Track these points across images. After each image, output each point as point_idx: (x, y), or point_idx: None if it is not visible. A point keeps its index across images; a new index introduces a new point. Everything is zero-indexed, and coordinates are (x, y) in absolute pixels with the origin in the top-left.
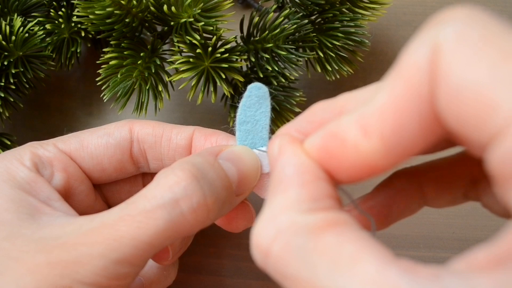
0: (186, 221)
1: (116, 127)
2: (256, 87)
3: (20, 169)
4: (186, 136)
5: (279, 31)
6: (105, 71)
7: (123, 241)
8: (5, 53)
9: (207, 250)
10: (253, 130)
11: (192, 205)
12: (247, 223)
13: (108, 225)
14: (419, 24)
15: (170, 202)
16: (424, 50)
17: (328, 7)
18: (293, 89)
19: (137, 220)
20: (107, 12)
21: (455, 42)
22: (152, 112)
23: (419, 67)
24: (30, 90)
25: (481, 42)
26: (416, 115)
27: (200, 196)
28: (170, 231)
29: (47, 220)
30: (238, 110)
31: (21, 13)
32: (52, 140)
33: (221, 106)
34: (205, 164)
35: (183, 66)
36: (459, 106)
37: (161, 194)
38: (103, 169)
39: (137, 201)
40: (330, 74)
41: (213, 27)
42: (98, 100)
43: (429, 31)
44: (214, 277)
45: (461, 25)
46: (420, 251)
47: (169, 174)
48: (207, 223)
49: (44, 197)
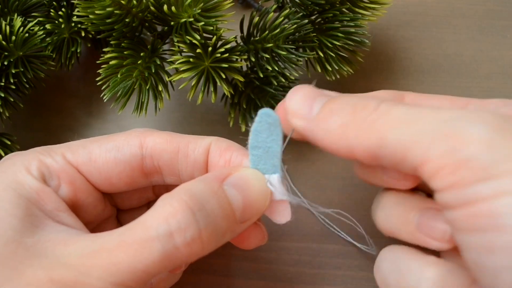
0: (180, 254)
1: (126, 140)
2: (266, 114)
3: (28, 178)
4: (203, 151)
5: (279, 31)
6: (105, 71)
7: (120, 267)
8: (5, 53)
9: None
10: (265, 156)
11: (185, 239)
12: (259, 242)
13: (107, 249)
14: (419, 24)
15: (164, 234)
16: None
17: (328, 7)
18: None
19: (133, 248)
20: (107, 12)
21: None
22: (152, 112)
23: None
24: (30, 90)
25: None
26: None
27: (194, 230)
28: (165, 262)
29: (49, 233)
30: (250, 134)
31: (21, 13)
32: (61, 149)
33: (221, 106)
34: (207, 193)
35: (183, 66)
36: (390, 156)
37: (156, 225)
38: (111, 183)
39: (135, 228)
40: (330, 74)
41: (213, 27)
42: (98, 100)
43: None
44: (214, 277)
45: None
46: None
47: (166, 204)
48: (203, 254)
49: (51, 208)
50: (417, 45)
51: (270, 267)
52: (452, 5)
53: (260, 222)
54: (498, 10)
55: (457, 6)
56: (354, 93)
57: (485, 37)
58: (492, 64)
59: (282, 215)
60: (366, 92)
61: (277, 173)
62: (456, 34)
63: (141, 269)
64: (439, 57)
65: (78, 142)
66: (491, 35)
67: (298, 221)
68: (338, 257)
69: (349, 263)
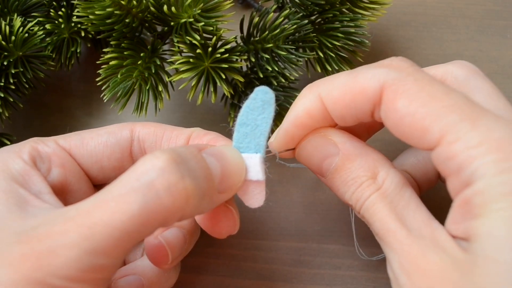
0: (162, 204)
1: (118, 127)
2: (263, 91)
3: (16, 161)
4: (185, 137)
5: (279, 31)
6: (105, 71)
7: (96, 228)
8: (5, 53)
9: (207, 250)
10: (251, 134)
11: (168, 186)
12: (230, 229)
13: (83, 212)
14: (419, 24)
15: (145, 184)
16: (376, 83)
17: (328, 7)
18: (293, 89)
19: (110, 205)
20: (107, 12)
21: (399, 85)
22: (152, 112)
23: (370, 90)
24: (30, 90)
25: (415, 85)
26: (359, 109)
27: (178, 178)
28: (145, 216)
29: (33, 212)
30: (240, 111)
31: (21, 13)
32: (54, 137)
33: (221, 106)
34: (187, 154)
35: (183, 66)
36: (403, 127)
37: (136, 177)
38: (101, 167)
39: (113, 186)
40: (330, 74)
41: (213, 27)
42: (98, 100)
43: (380, 70)
44: (214, 277)
45: (404, 73)
46: None
47: (147, 158)
48: (187, 211)
49: (36, 190)
50: (417, 45)
51: (270, 267)
52: (452, 5)
53: (232, 206)
54: (498, 10)
55: (457, 6)
56: None
57: (485, 37)
58: (492, 64)
59: (255, 198)
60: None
61: (259, 153)
62: (456, 34)
63: (119, 227)
64: (439, 57)
65: (71, 132)
66: (491, 35)
67: (298, 221)
68: (338, 257)
69: (349, 263)
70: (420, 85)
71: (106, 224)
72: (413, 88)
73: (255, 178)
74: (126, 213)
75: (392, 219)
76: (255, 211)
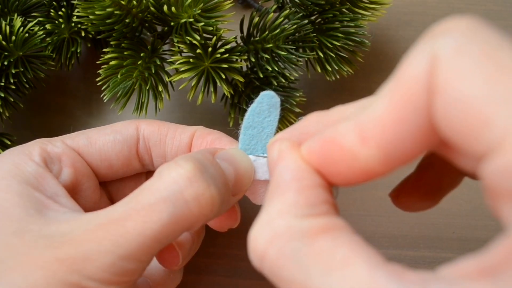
0: (191, 213)
1: (123, 125)
2: (269, 96)
3: (29, 164)
4: (189, 135)
5: (279, 31)
6: (105, 71)
7: (129, 237)
8: (5, 53)
9: (207, 250)
10: (257, 136)
11: (197, 195)
12: (232, 222)
13: (114, 220)
14: (419, 24)
15: (174, 194)
16: (422, 62)
17: (328, 7)
18: (293, 89)
19: (141, 215)
20: (107, 13)
21: (453, 55)
22: (152, 112)
23: (417, 78)
24: (30, 90)
25: (479, 56)
26: (413, 126)
27: (205, 187)
28: (175, 224)
29: (54, 216)
30: (246, 114)
31: (21, 13)
32: (60, 137)
33: (221, 106)
34: (206, 161)
35: (183, 66)
36: (455, 119)
37: (164, 187)
38: (110, 165)
39: (141, 195)
40: (330, 74)
41: (213, 27)
42: (98, 100)
43: (428, 42)
44: (214, 277)
45: (460, 37)
46: (420, 251)
47: (172, 167)
48: (210, 217)
49: (51, 193)
50: None
51: None
52: (452, 5)
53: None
54: (498, 10)
55: (457, 6)
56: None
57: None
58: None
59: (262, 196)
60: (366, 92)
61: (266, 154)
62: None
63: (151, 236)
64: None
65: (76, 132)
66: None
67: None
68: None
69: None
70: (487, 54)
71: (139, 233)
72: (475, 61)
73: (262, 178)
74: (157, 223)
75: None
76: (255, 211)
